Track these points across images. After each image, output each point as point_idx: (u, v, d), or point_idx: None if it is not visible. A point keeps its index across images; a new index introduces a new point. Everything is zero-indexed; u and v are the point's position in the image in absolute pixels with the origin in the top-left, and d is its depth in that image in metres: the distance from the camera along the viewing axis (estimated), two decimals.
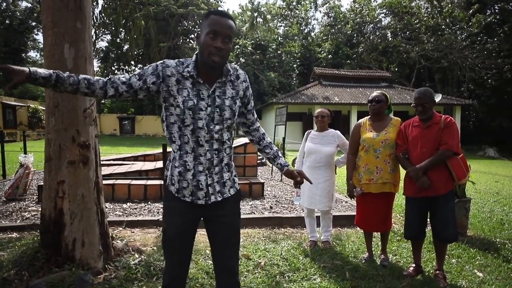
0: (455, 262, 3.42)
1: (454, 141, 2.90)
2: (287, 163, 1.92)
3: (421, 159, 2.94)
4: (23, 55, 33.89)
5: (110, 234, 3.15)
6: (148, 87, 1.64)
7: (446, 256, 3.31)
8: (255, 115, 1.93)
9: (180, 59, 1.70)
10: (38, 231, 3.03)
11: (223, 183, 1.75)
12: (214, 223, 1.78)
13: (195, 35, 1.71)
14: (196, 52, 1.72)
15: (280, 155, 1.93)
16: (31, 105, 24.54)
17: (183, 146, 1.66)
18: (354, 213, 4.09)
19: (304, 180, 3.78)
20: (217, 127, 1.66)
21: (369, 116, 3.42)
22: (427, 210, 3.06)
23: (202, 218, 1.80)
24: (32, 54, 37.92)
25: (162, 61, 1.68)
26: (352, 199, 3.44)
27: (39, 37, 36.00)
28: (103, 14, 6.51)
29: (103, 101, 33.67)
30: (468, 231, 4.42)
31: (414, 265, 3.17)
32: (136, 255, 3.12)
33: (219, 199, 1.73)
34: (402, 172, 3.17)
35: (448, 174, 2.94)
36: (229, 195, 1.77)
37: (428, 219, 3.09)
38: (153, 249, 3.43)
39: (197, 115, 1.62)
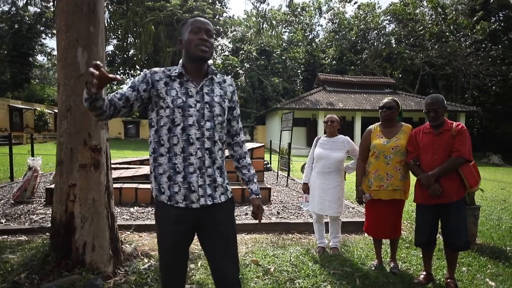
0: (465, 270, 3.38)
1: (466, 148, 2.89)
2: (258, 191, 1.88)
3: (432, 166, 2.93)
4: (31, 59, 34.25)
5: (120, 239, 3.15)
6: (141, 96, 1.67)
7: (456, 264, 3.28)
8: (241, 125, 1.91)
9: (167, 67, 1.77)
10: (48, 234, 3.03)
11: (215, 187, 1.71)
12: (208, 233, 1.74)
13: (178, 42, 1.75)
14: (181, 58, 1.77)
15: (255, 180, 1.89)
16: (37, 108, 24.73)
17: (172, 148, 1.65)
18: (362, 219, 4.07)
19: (314, 185, 3.77)
20: (208, 123, 1.67)
21: (379, 122, 3.41)
22: (438, 218, 3.03)
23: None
24: (40, 58, 38.33)
25: (149, 70, 1.74)
26: (361, 205, 3.42)
27: (47, 41, 36.44)
28: (111, 19, 6.55)
29: None
30: (477, 239, 4.38)
31: (424, 272, 3.14)
32: (146, 260, 3.11)
33: (209, 203, 1.68)
34: (413, 179, 3.15)
35: (460, 181, 2.92)
36: (220, 201, 1.72)
37: (439, 227, 3.07)
38: None
39: (187, 113, 1.64)
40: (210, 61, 1.83)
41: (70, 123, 2.82)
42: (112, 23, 6.91)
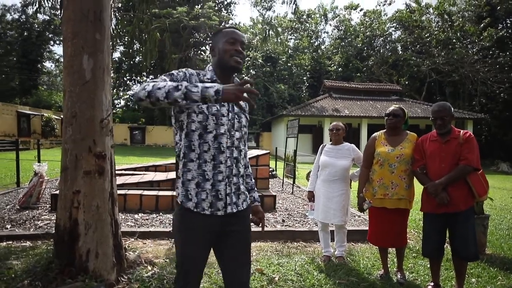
0: (475, 282, 3.30)
1: (474, 156, 2.84)
2: (259, 199, 1.95)
3: (440, 174, 2.88)
4: (39, 65, 34.76)
5: (123, 246, 3.13)
6: None
7: (466, 275, 3.20)
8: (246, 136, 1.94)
9: (197, 70, 1.75)
10: (52, 241, 3.02)
11: (238, 195, 1.73)
12: (229, 238, 1.72)
13: (209, 48, 1.78)
14: (209, 65, 1.78)
15: (255, 188, 1.95)
16: (45, 114, 24.98)
17: (202, 155, 1.64)
18: (367, 228, 4.00)
19: (319, 193, 3.74)
20: (237, 133, 1.70)
21: (384, 130, 3.37)
22: (446, 227, 2.98)
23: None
24: (48, 64, 38.87)
25: (185, 69, 1.71)
26: (362, 212, 3.36)
27: (55, 48, 36.98)
28: (118, 26, 6.62)
29: (114, 111, 34.16)
30: (487, 249, 4.29)
31: (432, 283, 3.07)
32: (149, 268, 3.09)
33: (234, 210, 1.69)
34: (417, 188, 3.10)
35: (468, 190, 2.87)
36: (242, 208, 1.75)
37: (447, 237, 3.01)
38: (165, 261, 3.39)
39: (220, 121, 1.64)
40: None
41: (75, 130, 2.82)
42: (120, 29, 6.98)
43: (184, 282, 1.70)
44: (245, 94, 1.43)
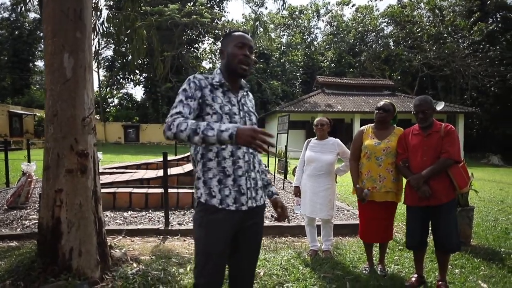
0: (458, 272, 3.35)
1: (455, 149, 2.88)
2: (277, 192, 2.00)
3: (422, 167, 2.91)
4: (31, 64, 34.37)
5: (109, 243, 3.13)
6: (198, 103, 1.70)
7: (449, 266, 3.25)
8: None
9: (203, 74, 1.81)
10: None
11: (257, 190, 1.79)
12: (247, 232, 1.78)
13: (218, 51, 1.83)
14: (218, 67, 1.84)
15: (272, 183, 2.02)
16: (37, 114, 24.73)
17: (220, 153, 1.70)
18: (356, 222, 4.04)
19: (305, 188, 3.76)
20: None
21: (373, 124, 3.40)
22: (429, 220, 3.01)
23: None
24: (40, 63, 38.40)
25: (193, 76, 1.76)
26: (363, 202, 3.29)
27: None
28: (106, 25, 6.57)
29: (108, 109, 33.94)
30: (472, 241, 4.35)
31: (416, 275, 3.11)
32: (134, 265, 3.09)
33: (254, 205, 1.75)
34: (402, 181, 3.13)
35: (450, 182, 2.91)
36: (260, 203, 1.81)
37: (430, 229, 3.05)
38: (151, 258, 3.40)
39: (233, 119, 1.73)
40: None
41: (57, 128, 2.81)
42: (107, 28, 6.92)
43: (209, 278, 1.70)
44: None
